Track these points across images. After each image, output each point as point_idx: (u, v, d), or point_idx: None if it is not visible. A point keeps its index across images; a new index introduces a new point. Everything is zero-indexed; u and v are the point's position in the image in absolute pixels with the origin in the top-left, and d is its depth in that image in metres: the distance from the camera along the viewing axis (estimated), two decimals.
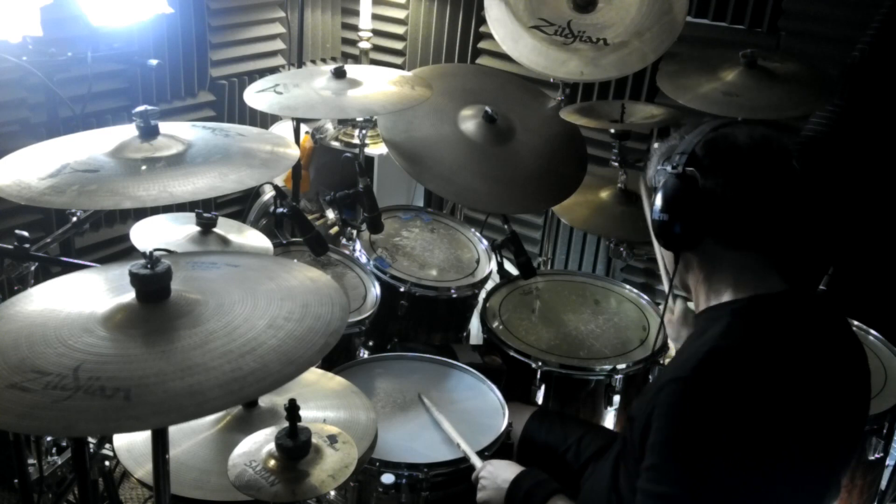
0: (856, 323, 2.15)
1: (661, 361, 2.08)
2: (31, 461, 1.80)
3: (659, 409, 1.21)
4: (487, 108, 2.44)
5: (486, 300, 2.25)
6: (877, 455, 1.92)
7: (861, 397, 1.37)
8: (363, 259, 2.24)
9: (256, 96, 2.12)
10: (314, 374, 1.65)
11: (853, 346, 1.36)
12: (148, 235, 1.85)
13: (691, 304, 1.63)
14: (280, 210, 2.03)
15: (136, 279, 1.13)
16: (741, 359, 1.22)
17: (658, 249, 1.56)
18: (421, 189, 3.38)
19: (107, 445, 1.67)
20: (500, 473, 1.58)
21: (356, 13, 3.28)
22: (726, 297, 1.34)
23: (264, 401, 1.52)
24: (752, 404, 1.19)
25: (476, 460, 1.63)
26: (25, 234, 1.57)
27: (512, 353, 2.05)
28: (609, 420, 2.07)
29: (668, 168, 1.32)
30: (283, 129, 3.15)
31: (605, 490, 1.41)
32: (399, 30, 3.53)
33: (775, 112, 2.25)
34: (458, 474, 1.64)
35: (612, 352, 2.09)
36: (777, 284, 1.32)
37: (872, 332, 2.14)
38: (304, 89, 2.17)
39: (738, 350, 1.23)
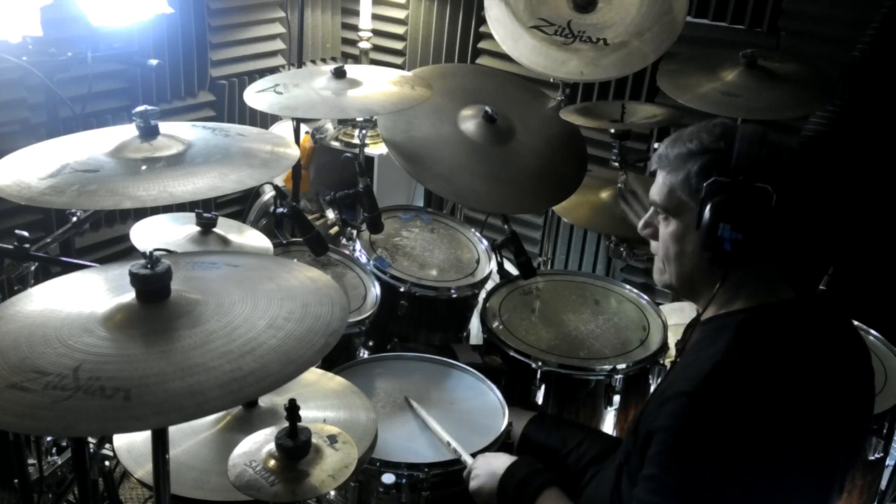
0: (855, 323, 2.15)
1: (661, 361, 2.08)
2: (31, 461, 1.80)
3: (663, 420, 1.21)
4: (487, 108, 2.43)
5: (486, 300, 2.25)
6: (877, 455, 1.92)
7: (865, 402, 1.36)
8: (363, 259, 2.24)
9: (256, 96, 2.12)
10: (314, 374, 1.65)
11: (859, 350, 1.35)
12: (148, 235, 1.85)
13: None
14: (280, 210, 2.03)
15: (136, 279, 1.13)
16: (746, 374, 1.21)
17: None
18: (421, 189, 3.38)
19: (107, 445, 1.67)
20: (493, 462, 1.58)
21: (356, 13, 3.28)
22: (735, 307, 1.32)
23: (264, 401, 1.52)
24: (757, 420, 1.19)
25: (467, 458, 1.63)
26: (25, 234, 1.57)
27: (512, 353, 2.05)
28: (609, 420, 2.07)
29: (722, 179, 1.25)
30: (283, 129, 3.15)
31: (607, 497, 1.41)
32: (399, 30, 3.53)
33: (775, 112, 2.25)
34: (458, 474, 1.64)
35: (612, 352, 2.09)
36: (785, 292, 1.31)
37: (872, 332, 2.14)
38: (304, 89, 2.17)
39: (744, 364, 1.22)
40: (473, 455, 1.64)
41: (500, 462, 1.57)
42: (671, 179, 1.34)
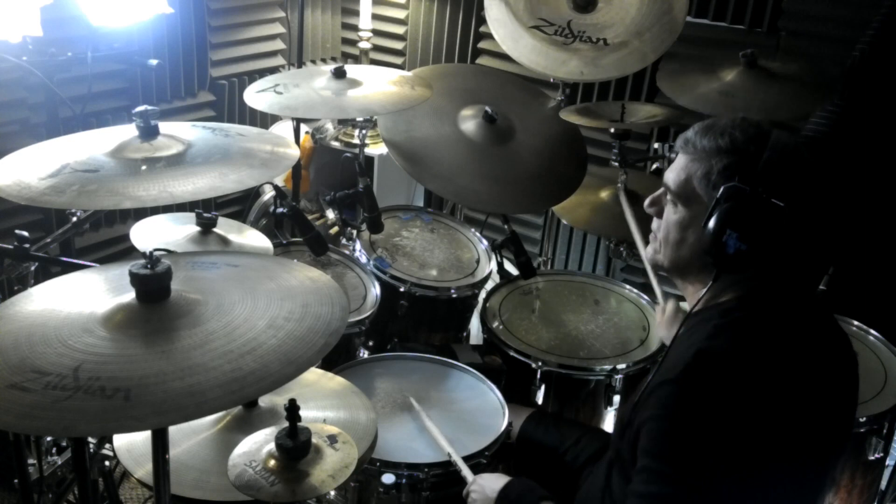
0: (856, 323, 2.15)
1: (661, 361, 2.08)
2: (31, 461, 1.80)
3: (649, 411, 1.22)
4: (487, 108, 2.44)
5: (486, 300, 2.25)
6: (877, 455, 1.92)
7: (850, 390, 1.37)
8: (363, 259, 2.24)
9: (256, 96, 2.12)
10: (314, 374, 1.65)
11: (840, 340, 1.36)
12: (148, 235, 1.85)
13: (684, 304, 1.62)
14: (280, 210, 2.03)
15: (136, 279, 1.13)
16: (729, 359, 1.22)
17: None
18: (421, 189, 3.38)
19: (107, 445, 1.67)
20: (489, 485, 1.57)
21: (356, 13, 3.28)
22: (721, 299, 1.33)
23: (264, 401, 1.52)
24: (742, 404, 1.19)
25: (467, 473, 1.62)
26: (25, 234, 1.57)
27: (512, 353, 2.05)
28: (609, 420, 2.07)
29: (742, 186, 1.23)
30: (283, 129, 3.15)
31: (599, 493, 1.41)
32: (399, 30, 3.53)
33: (775, 112, 2.25)
34: (458, 474, 1.64)
35: (612, 352, 2.09)
36: (772, 284, 1.32)
37: (872, 332, 2.14)
38: (304, 89, 2.17)
39: (726, 350, 1.23)
40: (466, 459, 1.64)
41: (496, 484, 1.57)
42: (692, 169, 1.32)
